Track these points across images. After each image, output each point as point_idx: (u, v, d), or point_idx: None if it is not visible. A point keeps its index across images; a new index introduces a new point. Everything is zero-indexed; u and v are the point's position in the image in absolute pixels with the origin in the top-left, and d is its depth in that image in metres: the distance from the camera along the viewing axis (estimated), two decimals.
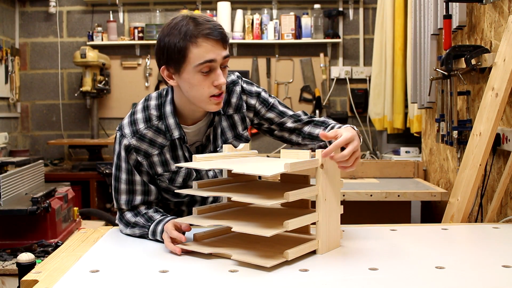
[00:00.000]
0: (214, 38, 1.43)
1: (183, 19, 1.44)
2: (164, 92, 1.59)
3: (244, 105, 1.66)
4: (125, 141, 1.54)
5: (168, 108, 1.55)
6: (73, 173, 4.02)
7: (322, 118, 1.70)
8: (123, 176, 1.56)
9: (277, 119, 1.69)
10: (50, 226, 2.36)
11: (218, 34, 1.43)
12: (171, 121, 1.54)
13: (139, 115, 1.56)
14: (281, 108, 1.70)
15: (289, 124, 1.69)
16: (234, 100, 1.64)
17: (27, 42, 4.63)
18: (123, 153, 1.55)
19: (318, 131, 1.65)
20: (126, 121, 1.57)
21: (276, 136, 1.74)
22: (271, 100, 1.70)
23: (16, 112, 4.56)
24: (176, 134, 1.54)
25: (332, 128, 1.60)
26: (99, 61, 4.27)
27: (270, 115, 1.69)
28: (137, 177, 1.56)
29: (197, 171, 1.62)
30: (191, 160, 1.56)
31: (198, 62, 1.42)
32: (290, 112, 1.71)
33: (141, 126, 1.55)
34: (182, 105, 1.55)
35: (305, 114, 1.71)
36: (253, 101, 1.67)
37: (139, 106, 1.59)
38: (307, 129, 1.68)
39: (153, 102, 1.58)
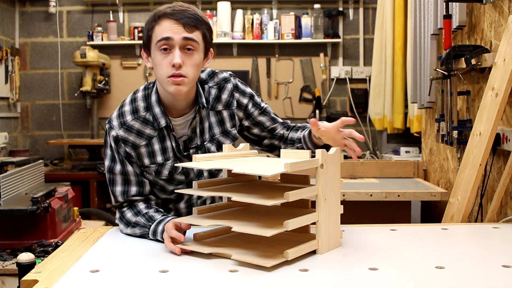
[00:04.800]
0: (175, 18, 1.48)
1: (162, 6, 1.51)
2: (152, 84, 1.63)
3: (235, 102, 1.67)
4: (113, 133, 1.57)
5: (153, 98, 1.59)
6: (73, 173, 4.02)
7: (301, 124, 1.77)
8: (117, 166, 1.58)
9: (269, 124, 1.73)
10: (50, 226, 2.36)
11: (181, 16, 1.48)
12: (156, 110, 1.58)
13: (127, 108, 1.60)
14: (272, 114, 1.75)
15: (280, 130, 1.74)
16: (224, 96, 1.66)
17: (27, 42, 4.63)
18: (113, 144, 1.58)
19: (297, 134, 1.71)
20: (114, 114, 1.61)
21: (265, 145, 1.76)
22: (264, 104, 1.74)
23: (16, 112, 4.56)
24: (162, 122, 1.57)
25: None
26: (99, 61, 4.27)
27: (262, 119, 1.72)
28: (130, 168, 1.59)
29: None
30: (178, 150, 1.61)
31: (157, 39, 1.49)
32: (280, 120, 1.76)
33: (129, 117, 1.58)
34: (162, 92, 1.59)
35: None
36: (245, 101, 1.69)
37: (127, 99, 1.63)
38: (291, 134, 1.73)
39: (140, 94, 1.62)
